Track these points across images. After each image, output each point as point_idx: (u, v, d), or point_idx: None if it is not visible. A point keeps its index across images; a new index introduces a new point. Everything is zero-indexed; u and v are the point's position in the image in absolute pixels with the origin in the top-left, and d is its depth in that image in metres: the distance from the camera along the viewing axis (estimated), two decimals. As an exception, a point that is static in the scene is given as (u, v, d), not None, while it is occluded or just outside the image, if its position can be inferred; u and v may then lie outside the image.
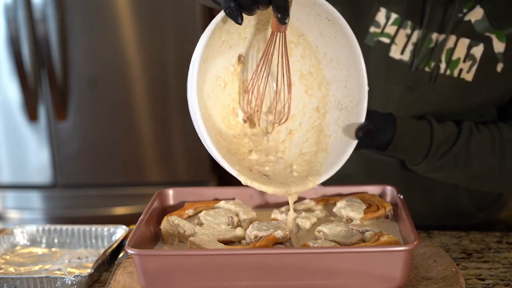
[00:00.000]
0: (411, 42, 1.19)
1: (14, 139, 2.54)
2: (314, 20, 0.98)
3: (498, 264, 1.07)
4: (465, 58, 1.16)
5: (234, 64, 1.03)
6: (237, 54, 1.02)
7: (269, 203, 1.15)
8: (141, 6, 2.39)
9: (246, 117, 1.05)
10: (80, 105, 2.50)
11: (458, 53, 1.16)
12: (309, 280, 0.89)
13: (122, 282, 0.96)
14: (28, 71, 2.44)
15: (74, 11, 2.41)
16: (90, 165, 2.58)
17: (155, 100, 2.44)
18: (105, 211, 2.54)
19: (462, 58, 1.16)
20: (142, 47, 2.42)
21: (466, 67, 1.16)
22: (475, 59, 1.16)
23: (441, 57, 1.17)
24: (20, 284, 1.01)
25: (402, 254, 0.87)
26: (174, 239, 1.03)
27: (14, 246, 1.20)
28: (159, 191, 1.14)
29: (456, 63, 1.16)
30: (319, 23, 0.98)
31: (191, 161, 2.54)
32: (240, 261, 0.89)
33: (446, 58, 1.17)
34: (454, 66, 1.17)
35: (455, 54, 1.16)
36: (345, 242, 0.95)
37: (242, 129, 1.05)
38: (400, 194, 1.08)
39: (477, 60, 1.16)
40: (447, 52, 1.17)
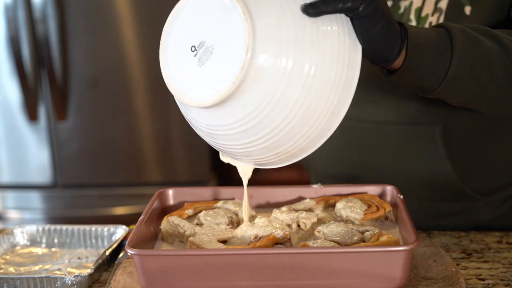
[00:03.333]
0: None
1: (14, 139, 2.55)
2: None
3: (498, 264, 1.07)
4: (433, 12, 1.16)
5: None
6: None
7: (269, 203, 1.16)
8: (141, 6, 2.39)
9: None
10: (80, 105, 2.50)
11: (426, 10, 1.17)
12: (309, 280, 0.89)
13: (122, 282, 0.96)
14: (28, 71, 2.44)
15: (74, 11, 2.41)
16: (90, 165, 2.58)
17: (155, 100, 2.44)
18: (105, 211, 2.54)
19: (430, 13, 1.17)
20: (142, 47, 2.42)
21: (434, 20, 1.17)
22: (442, 10, 1.16)
23: (410, 17, 1.18)
24: (20, 284, 1.01)
25: (402, 254, 0.87)
26: (174, 239, 1.03)
27: (14, 246, 1.20)
28: (159, 191, 1.14)
29: (425, 19, 1.17)
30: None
31: (191, 161, 2.54)
32: (240, 261, 0.89)
33: (415, 16, 1.18)
34: (423, 22, 1.17)
35: (423, 12, 1.18)
36: (345, 242, 0.95)
37: None
38: (400, 194, 1.08)
39: (444, 10, 1.16)
40: (415, 11, 1.18)
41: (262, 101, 0.82)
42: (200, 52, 0.85)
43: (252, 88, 0.82)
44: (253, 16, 0.81)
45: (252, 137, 0.87)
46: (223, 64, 0.83)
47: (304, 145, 0.88)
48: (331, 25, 0.83)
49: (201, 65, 0.85)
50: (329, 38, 0.83)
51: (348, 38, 0.85)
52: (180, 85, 0.87)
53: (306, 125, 0.85)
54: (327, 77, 0.83)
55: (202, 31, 0.85)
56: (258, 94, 0.82)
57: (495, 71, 0.99)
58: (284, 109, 0.83)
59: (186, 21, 0.87)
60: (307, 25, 0.82)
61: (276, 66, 0.81)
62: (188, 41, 0.86)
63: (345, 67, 0.85)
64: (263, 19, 0.81)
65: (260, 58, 0.81)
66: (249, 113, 0.84)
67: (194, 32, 0.86)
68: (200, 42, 0.85)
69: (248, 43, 0.80)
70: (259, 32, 0.81)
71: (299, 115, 0.84)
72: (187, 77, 0.87)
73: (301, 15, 0.82)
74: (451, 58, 0.94)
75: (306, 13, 0.82)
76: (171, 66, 0.88)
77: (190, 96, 0.86)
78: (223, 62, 0.83)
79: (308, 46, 0.82)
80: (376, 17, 0.84)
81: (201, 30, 0.85)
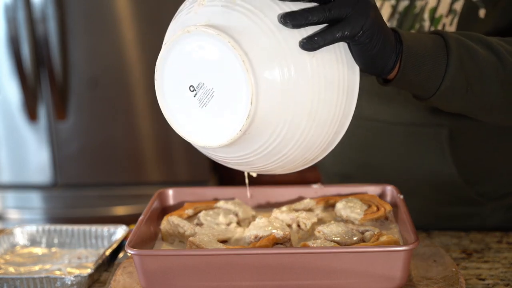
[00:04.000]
0: (397, 12, 1.20)
1: (14, 139, 2.55)
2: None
3: (498, 264, 1.07)
4: (448, 13, 1.16)
5: None
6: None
7: (269, 203, 1.16)
8: (141, 6, 2.39)
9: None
10: (80, 105, 2.50)
11: (440, 11, 1.17)
12: (309, 280, 0.89)
13: (122, 282, 0.96)
14: (28, 71, 2.45)
15: (74, 11, 2.41)
16: (90, 165, 2.58)
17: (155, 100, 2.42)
18: (105, 211, 2.54)
19: (445, 14, 1.16)
20: (142, 47, 2.42)
21: (448, 21, 1.16)
22: (456, 12, 1.16)
23: (424, 16, 1.18)
24: (20, 284, 1.01)
25: (402, 254, 0.87)
26: (174, 239, 1.03)
27: (14, 246, 1.20)
28: (159, 191, 1.14)
29: (439, 19, 1.17)
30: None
31: (191, 161, 2.54)
32: (240, 261, 0.89)
33: (429, 16, 1.18)
34: (437, 23, 1.17)
35: (437, 12, 1.17)
36: (345, 242, 0.95)
37: None
38: (400, 194, 1.08)
39: (458, 12, 1.16)
40: (430, 12, 1.18)
41: (268, 139, 0.84)
42: (200, 93, 0.83)
43: (258, 131, 0.82)
44: (252, 61, 0.79)
45: (263, 162, 0.88)
46: (226, 110, 0.82)
47: (309, 160, 0.91)
48: (329, 53, 0.82)
49: (202, 106, 0.83)
50: (329, 67, 0.83)
51: (346, 63, 0.85)
52: (181, 122, 0.86)
53: (310, 149, 0.87)
54: (329, 105, 0.84)
55: (200, 71, 0.82)
56: (264, 133, 0.83)
57: (489, 83, 0.98)
58: (291, 141, 0.84)
59: (181, 59, 0.84)
60: (306, 60, 0.81)
61: (279, 106, 0.81)
62: (186, 79, 0.84)
63: (345, 92, 0.85)
64: (263, 64, 0.80)
65: (264, 103, 0.80)
66: (255, 150, 0.85)
67: (191, 71, 0.83)
68: (198, 83, 0.83)
69: (251, 94, 0.79)
70: (260, 78, 0.80)
71: (305, 142, 0.85)
72: (189, 116, 0.85)
73: (299, 51, 0.80)
74: (446, 69, 0.93)
75: (304, 49, 0.80)
76: (170, 101, 0.86)
77: (196, 138, 0.86)
78: (226, 107, 0.82)
79: (309, 82, 0.81)
80: (373, 42, 0.84)
81: (198, 70, 0.82)
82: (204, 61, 0.82)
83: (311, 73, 0.81)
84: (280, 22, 0.80)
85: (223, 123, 0.83)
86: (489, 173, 1.28)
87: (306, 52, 0.81)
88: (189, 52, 0.82)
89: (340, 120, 0.87)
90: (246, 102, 0.80)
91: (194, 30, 0.80)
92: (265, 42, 0.80)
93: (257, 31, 0.80)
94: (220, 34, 0.79)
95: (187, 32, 0.81)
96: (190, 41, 0.82)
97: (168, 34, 0.90)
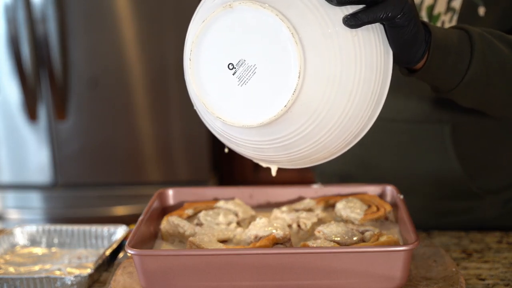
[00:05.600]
0: None
1: (14, 139, 2.55)
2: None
3: (498, 264, 1.07)
4: (446, 11, 1.16)
5: None
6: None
7: (269, 203, 1.16)
8: (141, 6, 2.39)
9: None
10: (80, 105, 2.50)
11: (438, 9, 1.17)
12: (309, 280, 0.89)
13: (122, 282, 0.96)
14: (28, 71, 2.44)
15: (74, 11, 2.41)
16: (90, 165, 2.58)
17: (155, 100, 2.45)
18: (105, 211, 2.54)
19: (443, 11, 1.17)
20: (142, 47, 2.42)
21: (447, 18, 1.17)
22: (455, 10, 1.16)
23: (421, 14, 1.18)
24: (20, 284, 1.01)
25: (402, 254, 0.87)
26: (174, 239, 1.03)
27: (14, 246, 1.20)
28: (159, 191, 1.14)
29: (438, 17, 1.17)
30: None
31: (191, 161, 2.54)
32: (240, 261, 0.89)
33: (427, 14, 1.18)
34: (435, 21, 1.17)
35: (435, 10, 1.17)
36: (345, 242, 0.95)
37: None
38: (400, 193, 1.08)
39: (457, 10, 1.16)
40: (427, 9, 1.18)
41: (309, 118, 0.82)
42: (240, 70, 0.80)
43: (301, 107, 0.81)
44: (300, 35, 0.78)
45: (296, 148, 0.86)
46: (270, 85, 0.80)
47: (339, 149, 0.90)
48: (369, 33, 0.82)
49: (242, 84, 0.81)
50: (368, 47, 0.82)
51: (382, 45, 0.84)
52: (218, 103, 0.83)
53: (345, 132, 0.86)
54: (368, 86, 0.83)
55: (241, 48, 0.80)
56: (306, 111, 0.81)
57: (509, 78, 1.00)
58: (329, 122, 0.83)
59: (220, 36, 0.81)
60: (349, 37, 0.80)
61: (324, 82, 0.80)
62: (224, 57, 0.81)
63: (381, 74, 0.85)
64: (310, 38, 0.79)
65: (309, 78, 0.79)
66: (293, 131, 0.83)
67: (230, 49, 0.81)
68: (239, 60, 0.80)
69: (300, 66, 0.78)
70: (308, 52, 0.79)
71: (343, 124, 0.84)
72: (225, 95, 0.82)
73: (342, 27, 0.80)
74: (470, 63, 0.94)
75: (348, 25, 0.80)
76: (205, 82, 0.83)
77: (233, 117, 0.83)
78: (270, 83, 0.80)
79: (352, 58, 0.81)
80: (410, 25, 0.84)
81: (239, 47, 0.80)
82: (247, 37, 0.80)
83: (354, 52, 0.81)
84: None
85: (266, 100, 0.81)
86: (491, 167, 1.29)
87: (349, 30, 0.80)
88: (231, 28, 0.80)
89: (374, 105, 0.86)
90: (294, 76, 0.78)
91: (238, 5, 0.79)
92: (311, 18, 0.79)
93: (302, 6, 0.79)
94: (268, 8, 0.78)
95: (229, 7, 0.79)
96: (233, 16, 0.80)
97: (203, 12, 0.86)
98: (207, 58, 0.82)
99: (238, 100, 0.82)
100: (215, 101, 0.83)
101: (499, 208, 1.32)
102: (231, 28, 0.80)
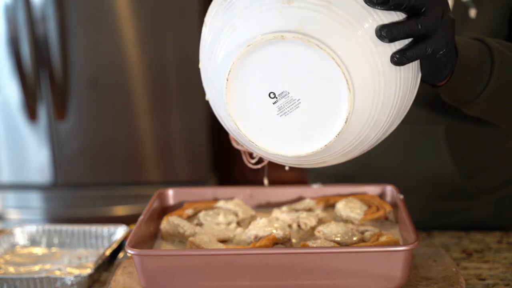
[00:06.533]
0: None
1: (14, 139, 2.55)
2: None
3: (498, 264, 1.07)
4: None
5: None
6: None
7: (269, 203, 1.16)
8: (141, 6, 2.39)
9: None
10: (80, 105, 2.50)
11: None
12: (309, 280, 0.89)
13: (122, 282, 0.96)
14: (28, 71, 2.45)
15: (74, 11, 2.41)
16: (90, 165, 2.58)
17: (155, 100, 2.45)
18: (105, 211, 2.54)
19: None
20: (142, 47, 2.42)
21: None
22: None
23: None
24: (20, 284, 1.01)
25: (402, 254, 0.87)
26: (174, 239, 1.03)
27: (14, 246, 1.20)
28: (159, 191, 1.14)
29: None
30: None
31: (191, 161, 2.54)
32: (240, 261, 0.89)
33: None
34: None
35: None
36: (345, 242, 0.95)
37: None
38: (400, 194, 1.08)
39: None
40: None
41: (343, 148, 0.83)
42: (282, 101, 0.77)
43: (337, 143, 0.80)
44: (352, 80, 0.76)
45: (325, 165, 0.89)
46: (313, 123, 0.78)
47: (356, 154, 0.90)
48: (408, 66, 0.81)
49: (282, 115, 0.78)
50: (407, 79, 0.81)
51: (416, 71, 0.83)
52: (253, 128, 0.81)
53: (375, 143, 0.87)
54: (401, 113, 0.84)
55: (286, 80, 0.76)
56: (341, 145, 0.82)
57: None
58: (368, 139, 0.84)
59: (265, 64, 0.76)
60: (393, 74, 0.78)
61: (364, 121, 0.79)
62: (267, 86, 0.77)
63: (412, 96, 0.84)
64: (361, 83, 0.76)
65: (352, 119, 0.78)
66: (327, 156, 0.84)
67: (275, 79, 0.77)
68: (282, 91, 0.77)
69: (349, 112, 0.76)
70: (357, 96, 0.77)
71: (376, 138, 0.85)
72: (262, 122, 0.80)
73: (389, 64, 0.78)
74: (488, 80, 0.94)
75: (395, 63, 0.78)
76: (242, 105, 0.79)
77: (268, 144, 0.81)
78: (313, 120, 0.78)
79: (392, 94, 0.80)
80: (448, 57, 0.83)
81: (284, 78, 0.76)
82: (295, 71, 0.76)
83: (395, 87, 0.79)
84: (376, 35, 0.76)
85: (306, 135, 0.79)
86: (485, 166, 1.30)
87: (393, 66, 0.78)
88: (279, 58, 0.76)
89: (398, 119, 0.86)
90: (341, 120, 0.77)
91: (292, 39, 0.74)
92: (364, 60, 0.76)
93: (356, 45, 0.75)
94: (325, 49, 0.74)
95: (281, 38, 0.74)
96: (283, 48, 0.75)
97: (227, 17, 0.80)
98: (247, 82, 0.78)
99: (276, 130, 0.80)
100: (251, 125, 0.81)
101: (493, 207, 1.33)
102: (278, 59, 0.76)
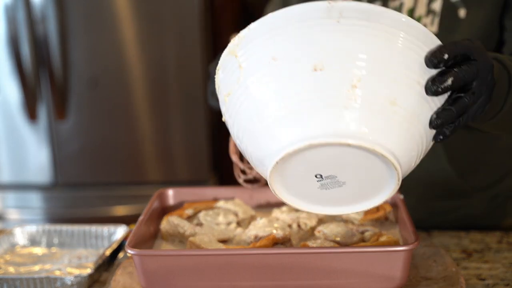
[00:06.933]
0: None
1: (14, 139, 2.54)
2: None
3: (498, 264, 1.07)
4: (427, 14, 1.17)
5: None
6: None
7: (269, 203, 1.16)
8: (141, 6, 2.39)
9: None
10: (80, 105, 2.50)
11: (419, 11, 1.18)
12: (309, 280, 0.89)
13: (122, 282, 0.96)
14: (28, 71, 2.44)
15: (74, 11, 2.41)
16: (90, 165, 2.58)
17: (155, 100, 2.44)
18: (105, 211, 2.54)
19: (424, 14, 1.17)
20: (142, 47, 2.42)
21: (429, 21, 1.18)
22: (436, 12, 1.17)
23: None
24: (20, 284, 1.01)
25: (402, 254, 0.87)
26: (174, 239, 1.03)
27: (14, 246, 1.20)
28: (159, 191, 1.15)
29: (418, 20, 1.18)
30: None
31: (191, 161, 2.54)
32: (240, 261, 0.89)
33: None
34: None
35: (416, 13, 1.18)
36: (345, 242, 0.95)
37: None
38: (400, 194, 1.08)
39: (438, 12, 1.17)
40: (408, 12, 1.19)
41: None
42: (327, 181, 0.79)
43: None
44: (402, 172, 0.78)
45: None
46: (352, 199, 0.82)
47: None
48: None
49: (323, 189, 0.80)
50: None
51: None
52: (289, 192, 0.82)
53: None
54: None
55: (336, 167, 0.77)
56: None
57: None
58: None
59: (320, 154, 0.75)
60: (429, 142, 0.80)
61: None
62: (315, 170, 0.78)
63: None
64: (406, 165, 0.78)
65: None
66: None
67: (325, 166, 0.77)
68: (330, 175, 0.78)
69: (389, 197, 0.81)
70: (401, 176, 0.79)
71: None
72: (301, 193, 0.82)
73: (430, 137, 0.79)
74: (504, 102, 0.92)
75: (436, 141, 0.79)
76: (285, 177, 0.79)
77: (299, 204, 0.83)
78: (352, 197, 0.82)
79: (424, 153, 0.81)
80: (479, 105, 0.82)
81: (334, 165, 0.77)
82: (349, 164, 0.77)
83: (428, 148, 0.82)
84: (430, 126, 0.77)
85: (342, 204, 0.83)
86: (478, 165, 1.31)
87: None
88: (335, 154, 0.75)
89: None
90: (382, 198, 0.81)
91: (356, 144, 0.73)
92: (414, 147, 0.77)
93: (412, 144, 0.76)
94: (388, 156, 0.74)
95: (347, 145, 0.73)
96: (341, 148, 0.74)
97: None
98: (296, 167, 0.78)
99: (313, 197, 0.82)
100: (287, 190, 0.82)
101: (487, 204, 1.34)
102: (335, 155, 0.76)
